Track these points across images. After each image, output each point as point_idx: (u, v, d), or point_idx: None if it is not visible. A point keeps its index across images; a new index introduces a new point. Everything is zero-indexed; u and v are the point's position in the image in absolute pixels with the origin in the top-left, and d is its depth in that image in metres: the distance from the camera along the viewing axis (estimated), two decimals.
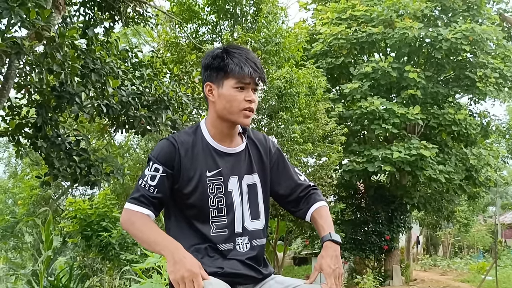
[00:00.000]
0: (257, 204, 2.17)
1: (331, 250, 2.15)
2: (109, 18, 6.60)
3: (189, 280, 1.81)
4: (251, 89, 2.06)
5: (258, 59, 2.09)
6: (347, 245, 17.15)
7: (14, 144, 5.91)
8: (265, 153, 2.24)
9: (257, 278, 2.12)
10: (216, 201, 2.08)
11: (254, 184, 2.16)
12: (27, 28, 4.91)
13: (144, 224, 1.99)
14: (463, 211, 26.86)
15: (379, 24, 16.32)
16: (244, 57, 2.04)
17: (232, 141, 2.16)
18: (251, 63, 2.03)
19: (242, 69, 2.02)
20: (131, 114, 6.11)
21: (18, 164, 20.90)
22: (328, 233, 2.17)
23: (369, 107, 15.25)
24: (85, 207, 9.85)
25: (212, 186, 2.08)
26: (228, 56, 2.05)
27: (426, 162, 15.12)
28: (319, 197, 2.29)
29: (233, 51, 2.07)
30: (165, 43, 12.57)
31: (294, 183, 2.28)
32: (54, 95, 5.58)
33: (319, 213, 2.24)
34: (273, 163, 2.26)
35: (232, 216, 2.09)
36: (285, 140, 12.32)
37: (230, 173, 2.11)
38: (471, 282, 17.16)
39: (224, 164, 2.11)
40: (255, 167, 2.18)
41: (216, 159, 2.10)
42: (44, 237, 9.33)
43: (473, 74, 16.35)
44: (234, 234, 2.09)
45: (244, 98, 2.05)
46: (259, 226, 2.16)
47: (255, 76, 2.04)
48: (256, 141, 2.23)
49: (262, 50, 12.41)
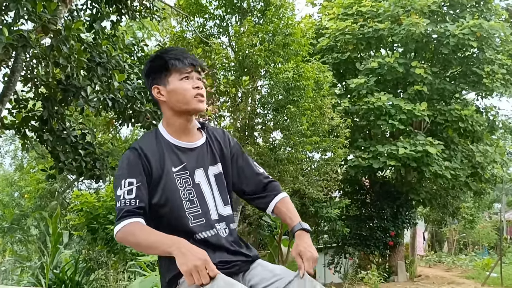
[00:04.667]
0: (225, 191, 2.27)
1: (305, 237, 2.24)
2: (116, 11, 6.58)
3: (203, 267, 1.86)
4: (195, 78, 2.18)
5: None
6: (352, 241, 17.17)
7: (20, 137, 5.93)
8: (225, 145, 2.34)
9: (247, 261, 2.20)
10: (186, 193, 2.15)
11: (220, 173, 2.27)
12: (34, 21, 4.91)
13: (141, 230, 2.03)
14: (468, 208, 26.80)
15: (385, 20, 16.26)
16: (180, 52, 2.18)
17: (191, 136, 2.26)
18: (188, 55, 2.18)
19: (182, 62, 2.15)
20: (137, 109, 6.11)
21: (24, 157, 21.00)
22: (298, 223, 2.26)
23: (375, 103, 15.21)
24: (91, 200, 9.88)
25: (180, 180, 2.16)
26: (165, 55, 2.19)
27: (432, 158, 15.08)
28: (280, 188, 2.39)
29: (169, 50, 2.21)
30: (171, 37, 12.56)
31: (255, 173, 2.39)
32: (60, 88, 5.59)
33: (284, 204, 2.34)
34: (233, 154, 2.36)
35: (205, 205, 2.17)
36: (291, 134, 12.31)
37: (195, 166, 2.21)
38: (476, 278, 17.12)
39: (188, 159, 2.20)
40: (218, 158, 2.29)
41: (179, 155, 2.19)
42: (51, 230, 9.38)
43: (480, 70, 16.28)
44: (212, 221, 2.16)
45: (192, 86, 2.16)
46: (230, 211, 2.26)
47: (196, 64, 2.17)
48: (216, 134, 2.35)
49: (269, 42, 12.40)
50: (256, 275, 2.16)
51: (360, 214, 18.20)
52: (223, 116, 11.96)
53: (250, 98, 13.53)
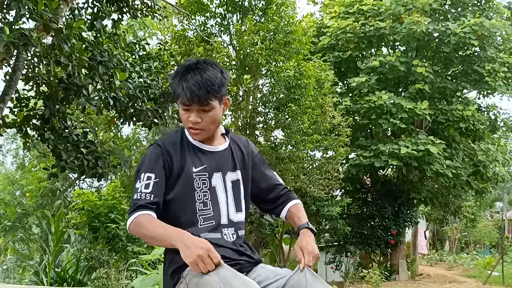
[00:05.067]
0: (240, 198, 2.30)
1: (309, 235, 2.28)
2: (117, 10, 6.58)
3: (206, 255, 1.92)
4: (195, 110, 2.16)
5: (208, 78, 2.14)
6: (353, 239, 17.16)
7: (22, 135, 5.93)
8: (247, 154, 2.40)
9: (250, 262, 2.23)
10: (202, 195, 2.20)
11: (238, 180, 2.31)
12: (35, 20, 4.91)
13: (149, 222, 2.09)
14: (470, 206, 26.77)
15: (387, 19, 16.25)
16: (191, 81, 2.13)
17: (214, 141, 2.31)
18: (193, 88, 2.11)
19: (182, 95, 2.14)
20: (138, 107, 6.11)
21: (26, 156, 21.02)
22: (305, 222, 2.33)
23: (377, 101, 15.20)
24: (93, 199, 9.89)
25: (199, 181, 2.21)
26: (177, 79, 2.18)
27: (434, 157, 15.07)
28: (295, 197, 2.49)
29: (184, 74, 2.16)
30: (173, 35, 12.56)
31: (274, 182, 2.49)
32: (61, 87, 5.59)
33: (296, 208, 2.42)
34: (254, 164, 2.43)
35: (217, 209, 2.21)
36: (293, 132, 12.31)
37: (214, 170, 2.25)
38: (477, 277, 17.11)
39: (208, 161, 2.25)
40: (238, 164, 2.33)
41: (201, 157, 2.25)
42: (53, 229, 9.38)
43: (482, 68, 16.25)
44: (221, 225, 2.20)
45: (187, 118, 2.18)
46: (242, 218, 2.29)
47: (194, 102, 2.13)
48: (238, 142, 2.41)
49: (271, 41, 12.39)
50: (260, 274, 2.19)
51: (362, 213, 18.19)
52: (225, 114, 11.98)
53: (252, 96, 13.54)
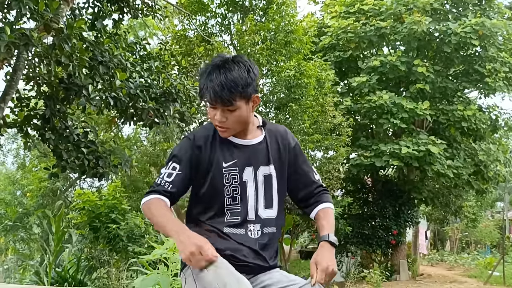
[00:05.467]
0: (271, 194, 2.25)
1: (328, 249, 2.19)
2: (117, 10, 6.58)
3: (198, 252, 1.91)
4: (221, 110, 2.13)
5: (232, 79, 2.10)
6: (354, 239, 17.14)
7: (23, 135, 5.93)
8: (284, 146, 2.33)
9: (263, 267, 2.19)
10: (231, 190, 2.18)
11: (270, 175, 2.25)
12: (36, 20, 4.91)
13: (157, 209, 2.10)
14: (471, 206, 26.75)
15: (387, 18, 16.23)
16: (215, 81, 2.09)
17: (248, 134, 2.27)
18: (217, 88, 2.08)
19: (206, 95, 2.12)
20: (139, 107, 6.11)
21: (26, 156, 21.02)
22: (326, 234, 2.23)
23: (377, 101, 15.19)
24: (93, 199, 9.89)
25: (228, 176, 2.18)
26: (203, 77, 2.14)
27: (434, 157, 15.04)
28: (329, 199, 2.38)
29: (210, 73, 2.12)
30: (173, 35, 12.56)
31: (310, 180, 2.38)
32: (62, 87, 5.60)
33: (324, 212, 2.33)
34: (292, 156, 2.35)
35: (245, 204, 2.19)
36: (293, 132, 12.30)
37: (245, 164, 2.22)
38: (478, 277, 17.10)
39: (240, 156, 2.22)
40: (271, 158, 2.27)
41: (233, 150, 2.22)
42: (54, 229, 9.38)
43: (482, 68, 16.24)
44: (247, 221, 2.18)
45: (214, 116, 2.15)
46: (271, 215, 2.24)
47: (217, 102, 2.10)
48: (276, 133, 2.34)
49: (271, 41, 12.38)
50: (273, 278, 2.18)
51: (362, 213, 18.18)
52: None
53: None
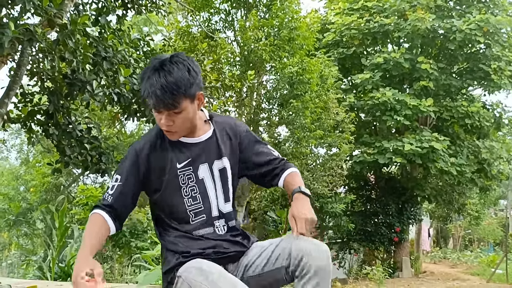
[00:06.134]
0: (227, 187, 2.25)
1: (302, 200, 2.14)
2: (121, 6, 6.58)
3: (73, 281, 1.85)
4: (166, 114, 2.06)
5: (173, 81, 2.01)
6: (357, 236, 17.15)
7: (26, 131, 5.95)
8: (235, 135, 2.31)
9: (242, 251, 2.21)
10: (189, 190, 2.17)
11: (224, 168, 2.24)
12: (40, 15, 4.91)
13: (89, 226, 2.07)
14: (474, 204, 26.71)
15: (391, 15, 16.20)
16: (156, 85, 2.01)
17: (196, 132, 2.22)
18: (158, 92, 2.00)
19: (149, 100, 2.05)
20: (143, 103, 6.12)
21: (30, 151, 21.07)
22: (297, 186, 2.19)
23: (381, 98, 15.16)
24: (96, 194, 9.92)
25: (184, 177, 2.16)
26: (143, 82, 2.07)
27: (438, 155, 15.02)
28: (292, 166, 2.34)
29: (150, 77, 2.04)
30: (177, 31, 12.55)
31: (272, 156, 2.35)
32: (66, 82, 5.60)
33: (291, 176, 2.28)
34: (246, 142, 2.33)
35: (207, 202, 2.18)
36: (296, 128, 12.30)
37: (199, 161, 2.19)
38: (481, 275, 17.08)
39: (192, 154, 2.19)
40: (223, 151, 2.25)
41: (184, 150, 2.18)
42: (57, 224, 9.40)
43: (487, 66, 16.19)
44: (212, 218, 2.18)
45: (160, 121, 2.09)
46: (230, 209, 2.25)
47: (160, 106, 2.03)
48: (224, 125, 2.31)
49: (275, 37, 12.37)
50: (249, 255, 2.19)
51: (365, 210, 18.17)
52: (229, 110, 11.97)
53: (256, 92, 13.52)
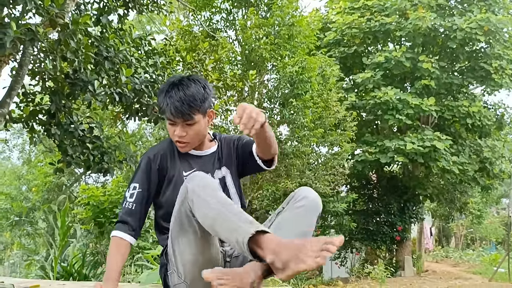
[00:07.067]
0: (228, 193, 2.44)
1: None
2: (122, 5, 6.58)
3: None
4: (180, 125, 2.32)
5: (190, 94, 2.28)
6: (359, 235, 17.15)
7: (28, 130, 5.95)
8: (234, 145, 2.55)
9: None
10: None
11: (224, 177, 2.48)
12: (41, 15, 4.92)
13: (112, 250, 2.30)
14: (476, 203, 26.70)
15: (392, 14, 16.19)
16: (175, 97, 2.27)
17: (202, 147, 2.49)
18: (177, 104, 2.26)
19: (167, 110, 2.29)
20: (144, 102, 6.12)
21: (32, 151, 21.09)
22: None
23: (382, 97, 15.16)
24: (98, 194, 9.91)
25: None
26: (162, 96, 2.32)
27: (440, 154, 15.02)
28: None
29: (168, 91, 2.30)
30: (178, 30, 12.56)
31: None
32: (67, 82, 5.60)
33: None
34: (241, 145, 2.53)
35: None
36: (296, 127, 12.31)
37: (203, 171, 2.33)
38: (483, 274, 17.07)
39: (197, 165, 2.43)
40: (223, 161, 2.51)
41: (190, 161, 2.44)
42: (59, 224, 9.41)
43: (488, 65, 16.18)
44: None
45: (173, 132, 2.35)
46: None
47: (179, 117, 2.28)
48: (229, 140, 2.57)
49: (275, 36, 12.37)
50: None
51: (367, 209, 18.18)
52: (230, 110, 11.98)
53: (257, 92, 13.52)
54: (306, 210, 2.15)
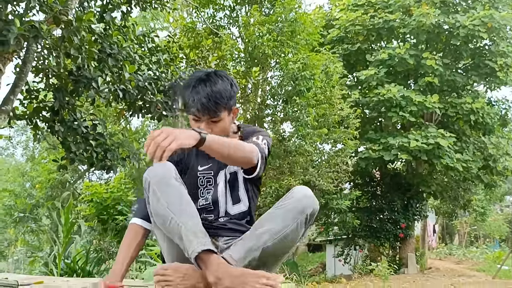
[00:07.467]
0: (237, 189, 2.37)
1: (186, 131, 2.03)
2: (126, 2, 6.58)
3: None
4: (205, 121, 2.21)
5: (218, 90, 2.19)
6: (362, 233, 17.14)
7: (32, 127, 5.96)
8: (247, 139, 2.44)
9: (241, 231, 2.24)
10: (205, 192, 2.33)
11: (235, 172, 2.37)
12: (45, 12, 4.92)
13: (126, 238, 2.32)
14: (479, 200, 26.66)
15: (396, 11, 16.14)
16: (202, 93, 2.18)
17: None
18: (204, 100, 2.17)
19: (192, 108, 2.20)
20: (148, 99, 6.13)
21: (35, 148, 21.14)
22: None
23: (386, 95, 15.13)
24: (101, 191, 9.92)
25: (203, 179, 2.34)
26: (188, 91, 2.22)
27: (443, 151, 14.98)
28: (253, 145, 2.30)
29: (195, 86, 2.21)
30: (182, 28, 12.56)
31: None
32: (71, 79, 5.61)
33: None
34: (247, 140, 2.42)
35: (217, 204, 2.32)
36: (300, 125, 12.29)
37: (219, 168, 2.35)
38: (487, 271, 17.06)
39: (214, 161, 2.30)
40: None
41: (207, 157, 2.28)
42: (63, 221, 9.43)
43: (493, 63, 16.12)
44: (218, 216, 2.32)
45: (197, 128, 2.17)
46: (242, 209, 2.36)
47: (205, 114, 2.19)
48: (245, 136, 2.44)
49: (278, 33, 12.35)
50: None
51: (371, 206, 18.16)
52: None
53: (260, 89, 13.51)
54: (285, 209, 2.09)
